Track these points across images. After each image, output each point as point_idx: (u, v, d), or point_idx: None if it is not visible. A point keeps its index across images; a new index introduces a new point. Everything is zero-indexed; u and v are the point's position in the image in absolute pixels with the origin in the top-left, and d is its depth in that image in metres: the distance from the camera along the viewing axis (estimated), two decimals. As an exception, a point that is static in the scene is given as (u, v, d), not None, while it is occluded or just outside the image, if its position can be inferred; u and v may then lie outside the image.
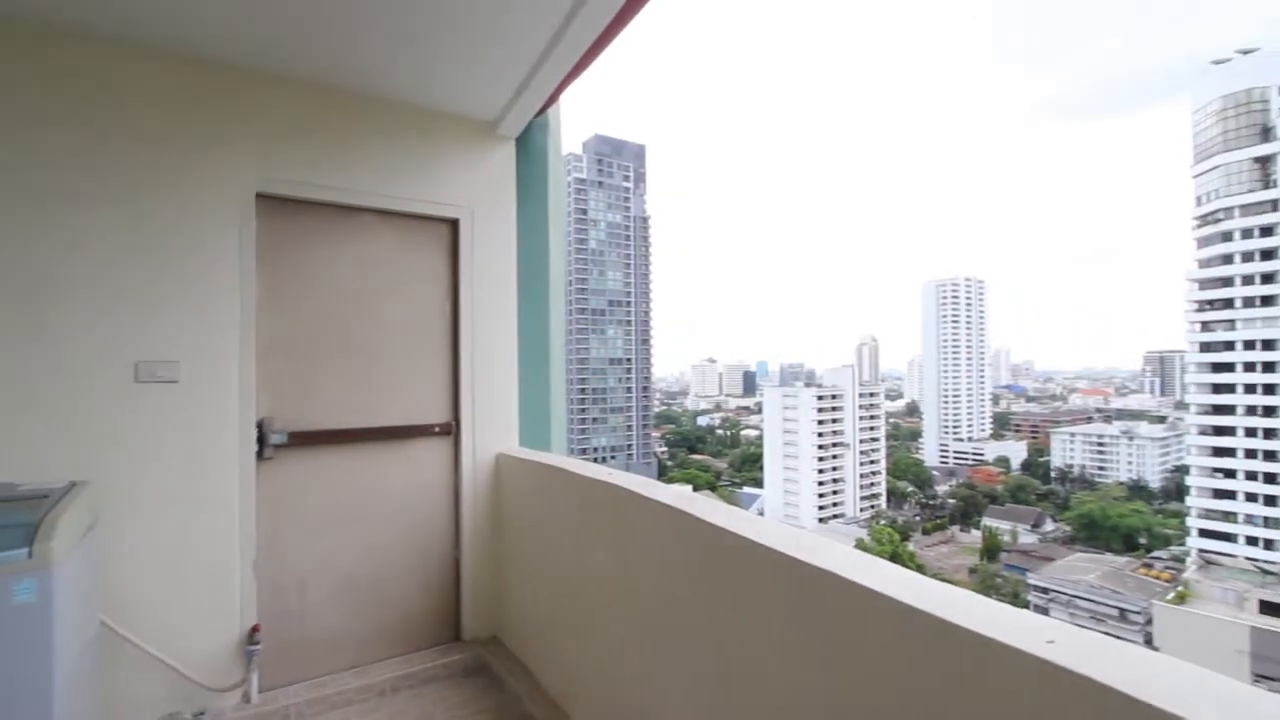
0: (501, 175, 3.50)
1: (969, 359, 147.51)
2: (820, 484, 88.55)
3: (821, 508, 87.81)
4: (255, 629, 2.75)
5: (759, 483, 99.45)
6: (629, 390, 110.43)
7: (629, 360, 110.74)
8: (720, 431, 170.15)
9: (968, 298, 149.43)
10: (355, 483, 3.13)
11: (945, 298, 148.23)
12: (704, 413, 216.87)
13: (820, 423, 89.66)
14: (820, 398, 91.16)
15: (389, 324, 3.22)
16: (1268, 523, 50.05)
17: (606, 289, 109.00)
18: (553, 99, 3.29)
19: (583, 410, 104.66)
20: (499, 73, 2.87)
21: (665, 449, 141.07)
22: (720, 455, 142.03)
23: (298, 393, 2.98)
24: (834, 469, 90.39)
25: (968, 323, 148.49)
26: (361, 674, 3.01)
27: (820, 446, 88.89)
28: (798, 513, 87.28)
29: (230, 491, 2.71)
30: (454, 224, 3.40)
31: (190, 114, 2.68)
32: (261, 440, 2.85)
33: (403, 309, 3.26)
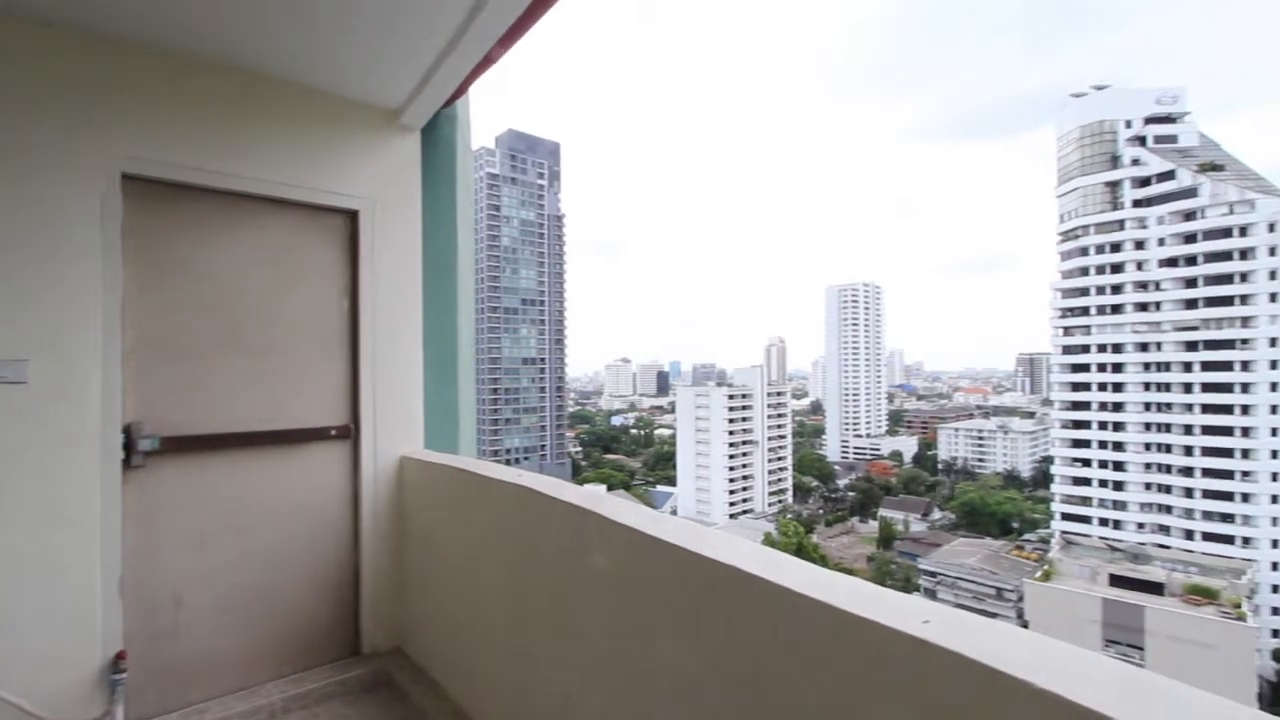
0: (405, 166, 3.35)
1: (867, 360, 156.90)
2: (731, 481, 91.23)
3: (732, 504, 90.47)
4: (120, 655, 2.49)
5: (672, 481, 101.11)
6: (542, 390, 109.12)
7: (542, 360, 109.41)
8: (634, 431, 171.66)
9: (866, 302, 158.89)
10: (242, 490, 2.90)
11: (846, 302, 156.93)
12: (618, 412, 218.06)
13: (731, 421, 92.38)
14: (731, 397, 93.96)
15: (281, 320, 3.01)
16: (1115, 505, 56.38)
17: (519, 287, 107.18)
18: (461, 90, 3.19)
19: (495, 411, 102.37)
20: (403, 60, 2.75)
21: (579, 449, 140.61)
22: (634, 454, 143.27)
23: (177, 395, 2.73)
24: (744, 466, 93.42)
25: (866, 326, 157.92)
26: (249, 696, 2.80)
27: (731, 444, 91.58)
28: (709, 509, 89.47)
29: (90, 504, 2.44)
30: (353, 215, 3.23)
31: (49, 89, 2.39)
32: (129, 447, 2.58)
33: (297, 304, 3.06)
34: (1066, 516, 59.52)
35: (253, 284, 2.93)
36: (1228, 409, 50.53)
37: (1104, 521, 56.62)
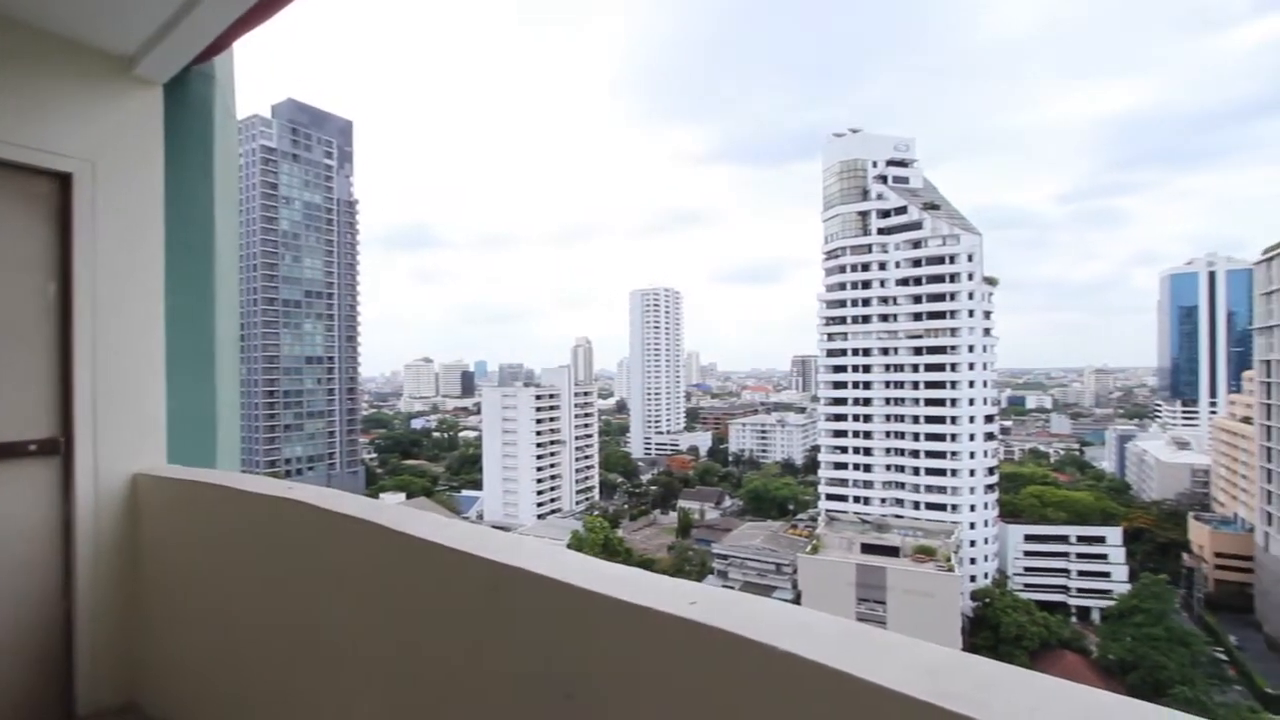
0: (140, 125, 2.78)
1: (668, 360, 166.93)
2: (539, 481, 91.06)
3: (540, 504, 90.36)
4: None
5: (478, 484, 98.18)
6: (331, 392, 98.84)
7: (330, 359, 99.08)
8: (437, 434, 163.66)
9: (667, 306, 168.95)
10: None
11: (649, 305, 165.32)
12: (419, 415, 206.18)
13: (539, 422, 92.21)
14: (539, 397, 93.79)
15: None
16: (865, 485, 66.71)
17: (303, 278, 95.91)
18: (220, 45, 2.74)
19: (272, 417, 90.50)
20: (138, -3, 2.29)
21: (375, 455, 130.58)
22: (437, 458, 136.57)
23: None
24: (552, 466, 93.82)
25: (667, 328, 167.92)
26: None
27: (539, 445, 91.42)
28: (517, 511, 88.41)
29: None
30: (66, 179, 2.60)
31: None
32: None
33: (-26, 286, 2.39)
34: (830, 497, 69.03)
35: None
36: (941, 402, 62.54)
37: (857, 499, 66.65)
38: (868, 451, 66.79)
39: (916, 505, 62.69)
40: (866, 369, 67.61)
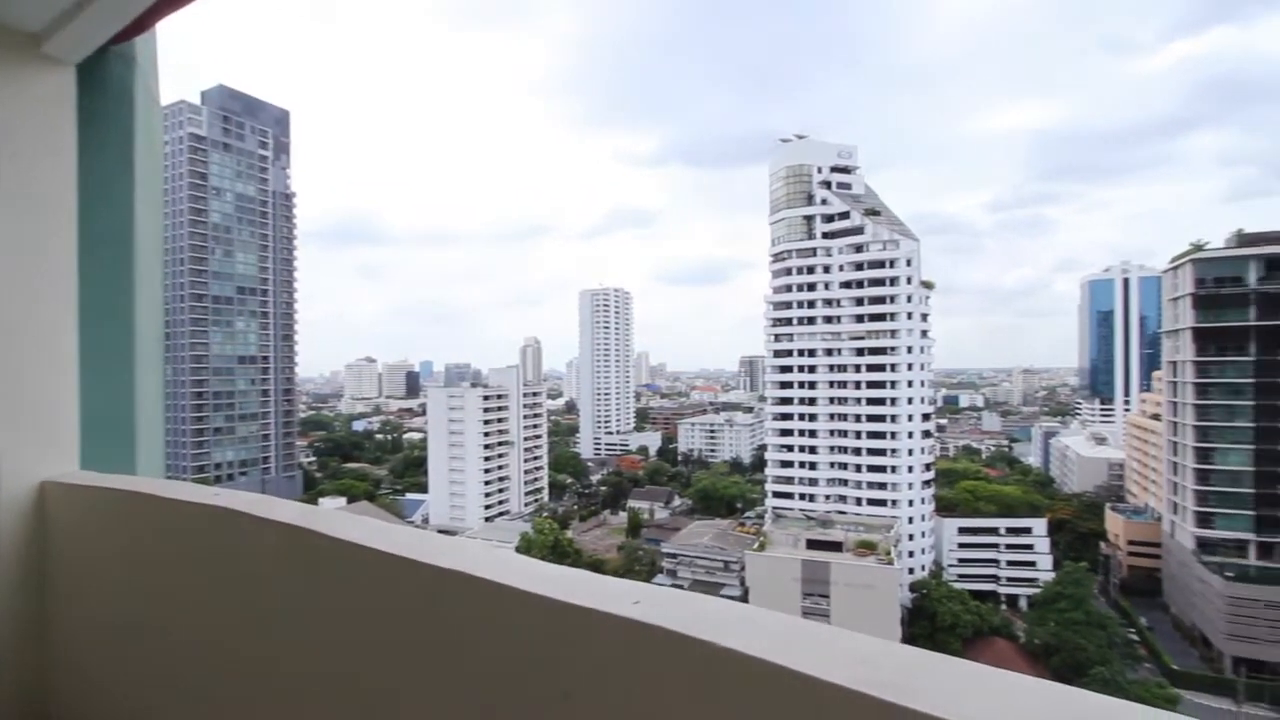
0: (49, 108, 2.58)
1: (618, 361, 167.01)
2: (486, 483, 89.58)
3: (488, 506, 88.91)
4: None
5: (423, 487, 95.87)
6: (266, 393, 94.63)
7: (265, 358, 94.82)
8: (380, 436, 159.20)
9: (617, 307, 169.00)
10: None
11: (598, 306, 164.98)
12: (361, 416, 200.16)
13: (486, 422, 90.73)
14: (487, 398, 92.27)
15: None
16: (810, 482, 68.40)
17: (235, 273, 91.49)
18: (141, 25, 2.58)
19: (201, 419, 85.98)
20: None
21: (314, 458, 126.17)
22: (380, 461, 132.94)
23: None
24: (500, 467, 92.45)
25: (617, 329, 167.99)
26: None
27: (486, 446, 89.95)
28: (464, 514, 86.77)
29: None
30: (-37, 163, 2.40)
31: None
32: None
33: None
34: (776, 494, 70.48)
35: None
36: (881, 401, 64.76)
37: (803, 496, 68.30)
38: (813, 450, 68.53)
39: (859, 501, 64.72)
40: (811, 369, 69.36)
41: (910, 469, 62.99)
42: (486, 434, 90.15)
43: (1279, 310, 53.17)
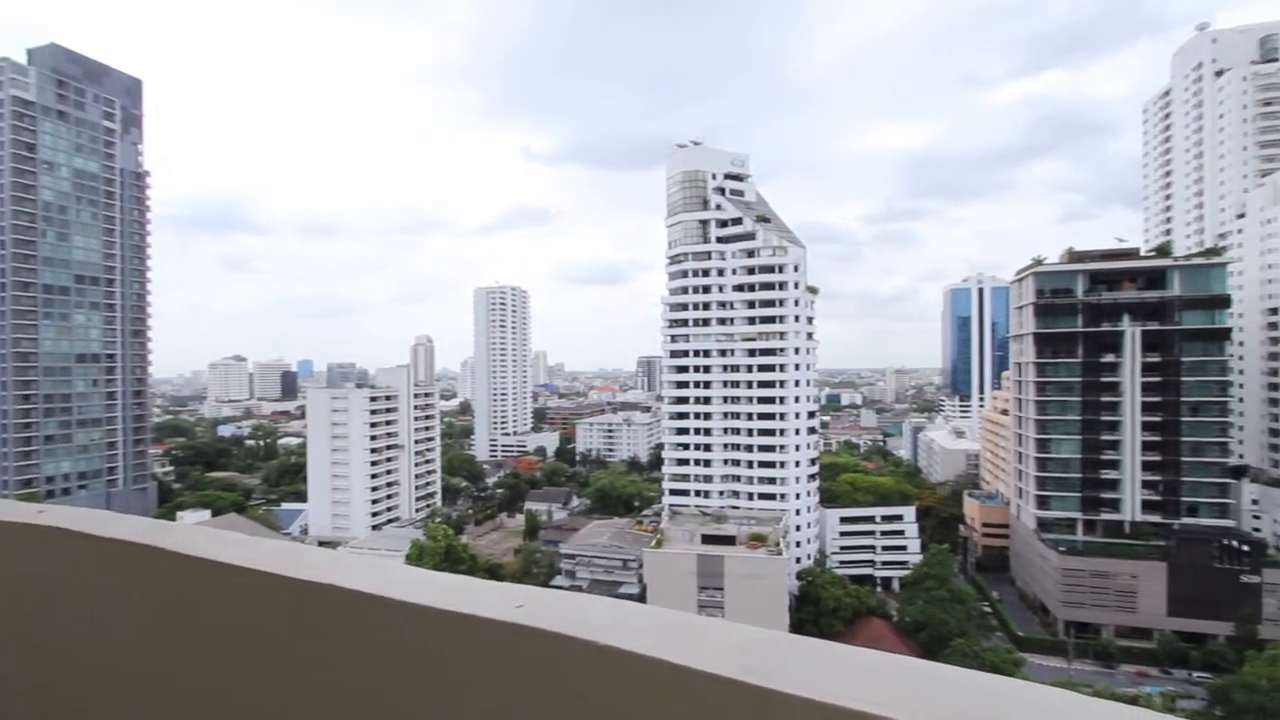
0: None
1: (515, 360, 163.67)
2: (374, 489, 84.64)
3: (376, 514, 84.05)
4: None
5: (302, 496, 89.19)
6: (111, 397, 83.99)
7: (110, 357, 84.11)
8: (251, 442, 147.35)
9: (514, 305, 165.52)
10: None
11: (495, 304, 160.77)
12: (229, 420, 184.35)
13: (374, 425, 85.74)
14: (374, 399, 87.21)
15: None
16: (705, 479, 70.37)
17: (73, 259, 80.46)
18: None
19: (28, 426, 74.97)
20: None
21: (171, 468, 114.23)
22: (251, 469, 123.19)
23: None
24: (388, 472, 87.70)
25: (514, 328, 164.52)
26: None
27: (374, 450, 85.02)
28: (349, 522, 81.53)
29: None
30: None
31: None
32: None
33: None
34: (673, 491, 71.88)
35: None
36: (771, 400, 67.88)
37: (698, 493, 70.10)
38: (707, 447, 70.57)
39: (751, 496, 67.40)
40: (706, 369, 71.41)
41: (797, 464, 66.46)
42: (374, 437, 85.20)
43: (1100, 318, 61.25)
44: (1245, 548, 54.28)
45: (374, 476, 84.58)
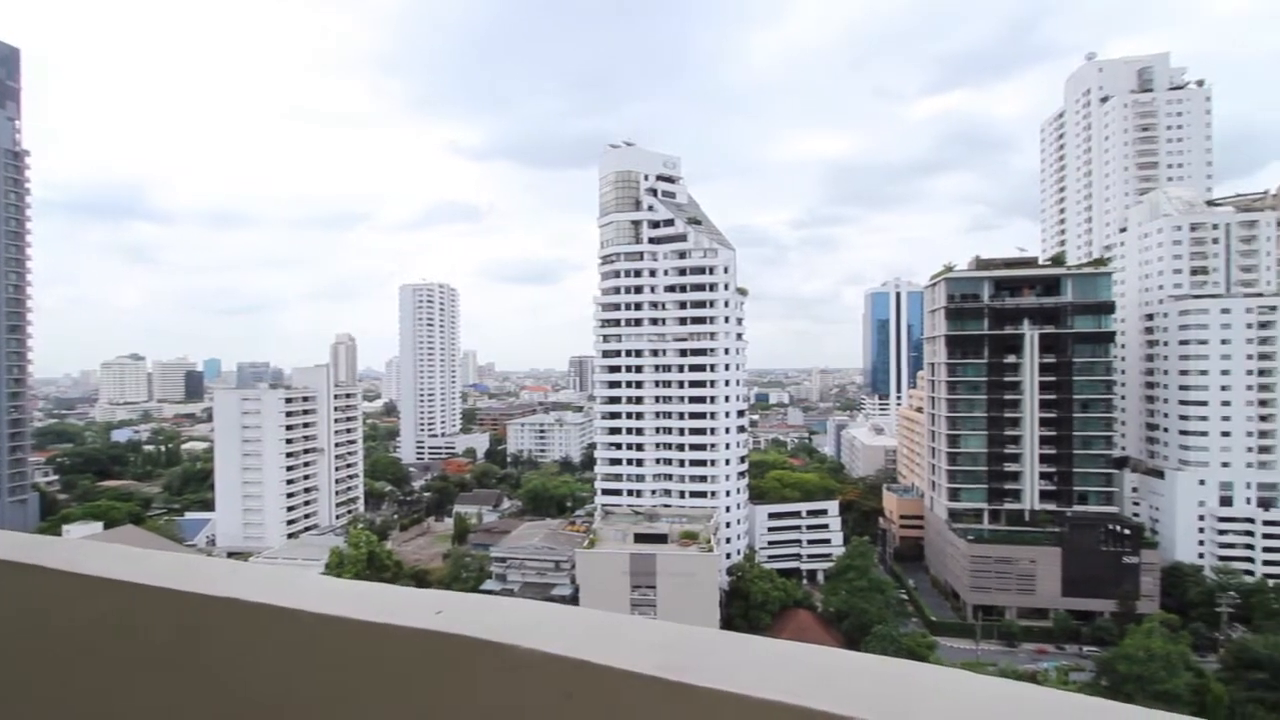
0: None
1: (443, 360, 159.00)
2: (290, 496, 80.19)
3: (292, 521, 79.67)
4: None
5: (209, 505, 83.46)
6: (-15, 400, 75.61)
7: (-14, 356, 75.76)
8: (150, 447, 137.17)
9: (442, 303, 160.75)
10: None
11: (421, 302, 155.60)
12: (124, 424, 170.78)
13: (290, 428, 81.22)
14: (290, 400, 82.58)
15: None
16: (638, 479, 70.70)
17: (-62, 248, 71.92)
18: None
19: (-121, 434, 66.25)
20: None
21: (56, 477, 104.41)
22: (151, 477, 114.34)
23: None
24: (306, 478, 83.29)
25: (442, 326, 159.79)
26: None
27: (290, 454, 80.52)
28: (262, 531, 77.01)
29: None
30: None
31: None
32: None
33: None
34: (605, 491, 71.81)
35: None
36: (702, 399, 69.00)
37: (630, 492, 70.32)
38: (639, 447, 70.92)
39: (682, 494, 68.26)
40: (638, 369, 71.75)
41: (728, 462, 67.83)
42: (290, 440, 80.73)
43: (1004, 321, 65.79)
44: (1127, 531, 59.67)
45: (290, 482, 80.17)
